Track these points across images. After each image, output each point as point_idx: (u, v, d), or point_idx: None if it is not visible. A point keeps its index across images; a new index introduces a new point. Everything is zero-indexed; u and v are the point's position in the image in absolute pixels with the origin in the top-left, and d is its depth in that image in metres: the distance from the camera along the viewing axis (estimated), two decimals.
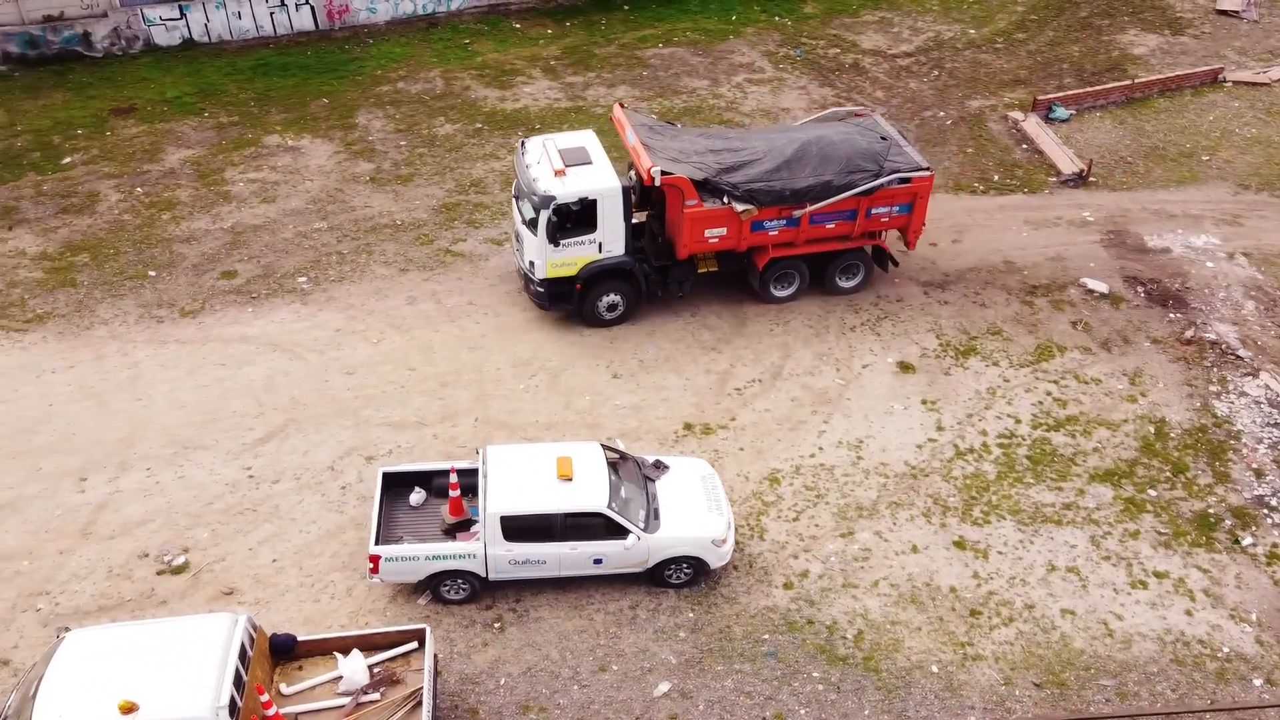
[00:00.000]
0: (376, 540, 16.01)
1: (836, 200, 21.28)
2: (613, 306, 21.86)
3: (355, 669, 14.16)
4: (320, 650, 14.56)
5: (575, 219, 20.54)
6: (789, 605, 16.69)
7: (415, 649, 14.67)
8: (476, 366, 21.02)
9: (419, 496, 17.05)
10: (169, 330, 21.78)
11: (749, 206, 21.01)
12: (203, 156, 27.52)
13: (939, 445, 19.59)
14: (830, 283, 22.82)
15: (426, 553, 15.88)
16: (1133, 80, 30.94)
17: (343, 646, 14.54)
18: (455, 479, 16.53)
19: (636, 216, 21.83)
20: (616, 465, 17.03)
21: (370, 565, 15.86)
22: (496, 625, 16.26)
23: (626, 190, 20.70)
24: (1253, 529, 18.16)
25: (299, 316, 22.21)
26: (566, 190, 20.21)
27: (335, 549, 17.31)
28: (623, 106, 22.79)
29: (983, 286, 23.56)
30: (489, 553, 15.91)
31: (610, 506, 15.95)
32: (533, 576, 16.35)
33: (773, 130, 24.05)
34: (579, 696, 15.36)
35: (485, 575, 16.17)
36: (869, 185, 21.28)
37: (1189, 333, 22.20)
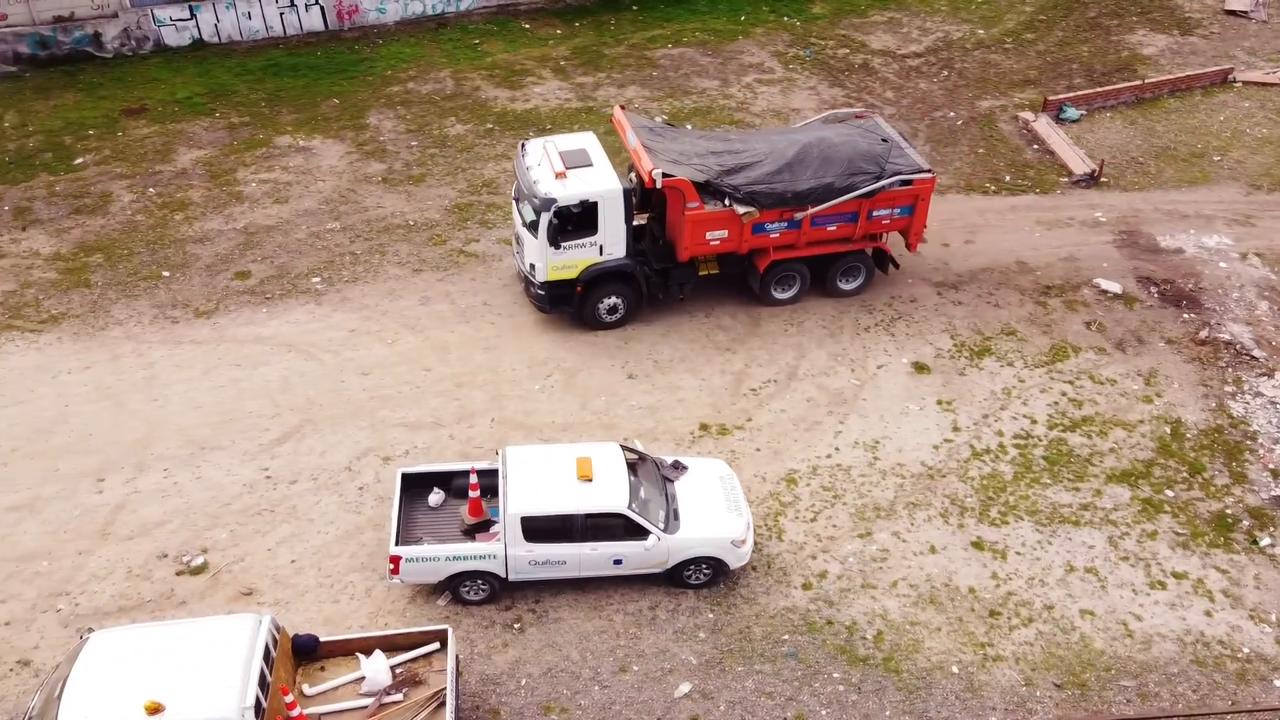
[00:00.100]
0: (397, 541, 16.03)
1: (838, 202, 21.26)
2: (613, 309, 21.79)
3: (378, 670, 14.18)
4: (342, 651, 14.59)
5: (576, 221, 20.46)
6: (808, 606, 16.70)
7: (437, 650, 14.69)
8: (492, 367, 21.02)
9: (438, 497, 17.05)
10: (184, 331, 21.78)
11: (750, 209, 20.96)
12: (214, 157, 27.52)
13: (955, 446, 19.59)
14: (831, 285, 22.78)
15: (447, 553, 15.89)
16: (1143, 80, 30.95)
17: (365, 647, 14.57)
18: (475, 479, 16.55)
19: (637, 219, 21.75)
20: (635, 466, 17.02)
21: (391, 566, 15.87)
22: (516, 626, 16.27)
23: (627, 192, 20.60)
24: (1270, 530, 18.16)
25: (313, 317, 22.21)
26: (567, 193, 20.12)
27: (354, 549, 17.31)
28: (623, 108, 22.74)
29: (996, 287, 23.56)
30: (509, 553, 15.92)
31: (631, 507, 15.95)
32: (553, 577, 16.35)
33: (774, 132, 23.96)
34: (600, 697, 15.36)
35: (505, 576, 16.17)
36: (870, 187, 21.24)
37: (1203, 333, 22.20)
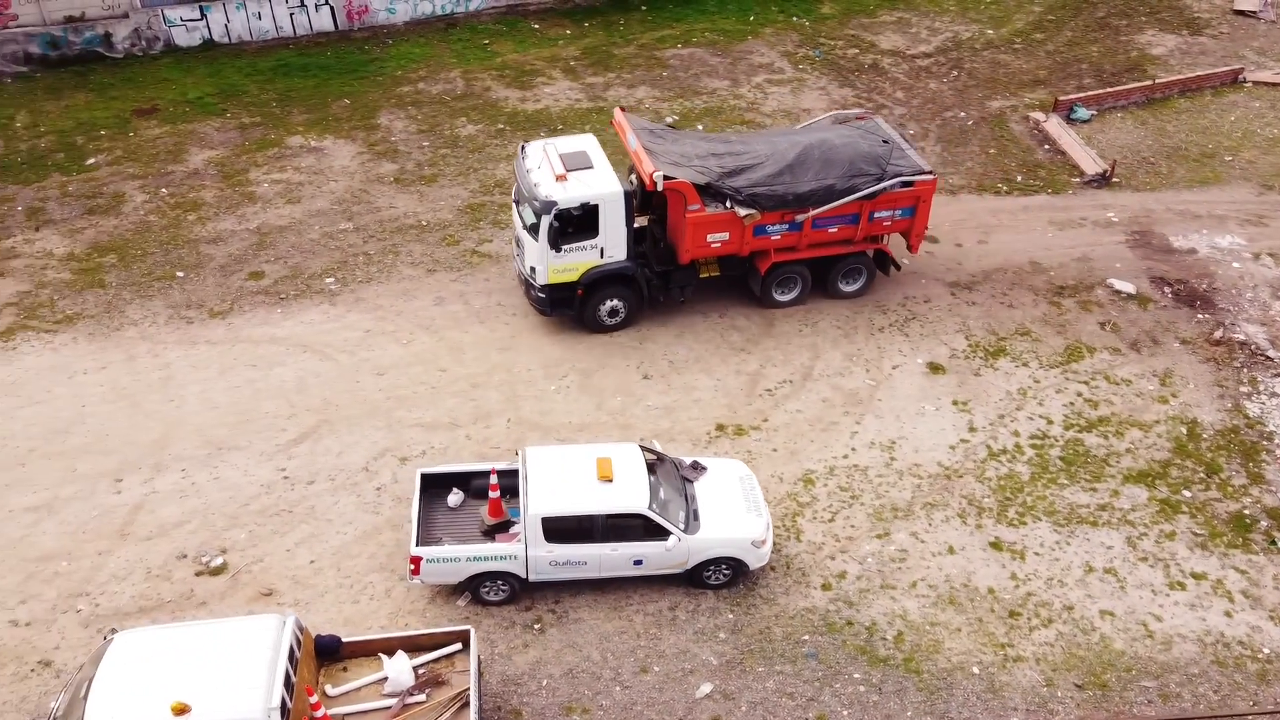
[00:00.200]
0: (417, 542, 16.03)
1: (839, 204, 21.22)
2: (614, 312, 21.73)
3: (401, 670, 14.18)
4: (364, 651, 14.59)
5: (577, 224, 20.35)
6: (828, 606, 16.70)
7: (459, 650, 14.69)
8: (507, 367, 21.02)
9: (457, 498, 17.06)
10: (199, 331, 21.79)
11: (752, 211, 20.90)
12: (226, 157, 27.52)
13: (972, 446, 19.60)
14: (832, 287, 22.71)
15: (468, 554, 15.89)
16: (1153, 81, 30.95)
17: (387, 648, 14.58)
18: (495, 480, 16.56)
19: (638, 221, 21.67)
20: (654, 466, 17.01)
21: (411, 567, 15.87)
22: (536, 626, 16.27)
23: (628, 195, 20.50)
24: None
25: (328, 317, 22.21)
26: (568, 195, 20.03)
27: (373, 550, 17.32)
28: (623, 110, 22.71)
29: (1009, 287, 23.56)
30: (530, 554, 15.92)
31: (651, 508, 15.96)
32: (573, 578, 16.35)
33: (775, 134, 23.87)
34: (621, 698, 15.37)
35: (525, 576, 16.18)
36: (872, 189, 21.20)
37: (1218, 333, 22.20)
